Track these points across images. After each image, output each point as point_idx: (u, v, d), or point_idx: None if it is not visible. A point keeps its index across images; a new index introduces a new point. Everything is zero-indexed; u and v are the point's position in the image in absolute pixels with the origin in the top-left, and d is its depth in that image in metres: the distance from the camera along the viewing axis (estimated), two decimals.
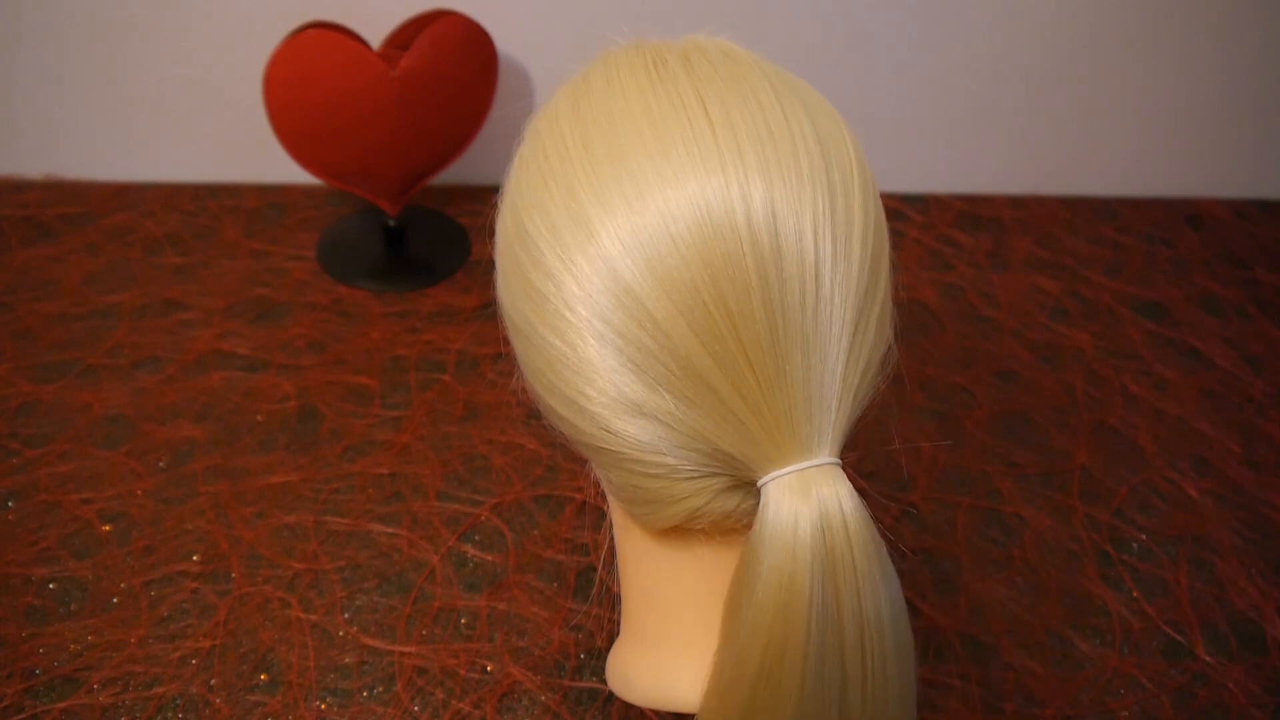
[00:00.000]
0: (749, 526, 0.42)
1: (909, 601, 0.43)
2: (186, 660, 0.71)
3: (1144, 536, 0.84)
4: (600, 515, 0.81)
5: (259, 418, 0.87)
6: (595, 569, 0.78)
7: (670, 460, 0.43)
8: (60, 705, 0.68)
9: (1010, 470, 0.88)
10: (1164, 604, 0.80)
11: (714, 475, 0.43)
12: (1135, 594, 0.80)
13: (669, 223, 0.41)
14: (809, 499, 0.41)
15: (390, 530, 0.80)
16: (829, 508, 0.41)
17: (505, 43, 1.00)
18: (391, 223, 1.02)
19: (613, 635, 0.69)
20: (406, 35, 0.94)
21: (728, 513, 0.44)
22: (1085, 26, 1.09)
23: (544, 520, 0.81)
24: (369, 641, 0.73)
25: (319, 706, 0.69)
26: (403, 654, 0.73)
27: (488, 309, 0.98)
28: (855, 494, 0.42)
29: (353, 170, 0.96)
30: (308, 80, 0.90)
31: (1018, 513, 0.85)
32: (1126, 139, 1.17)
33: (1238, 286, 1.09)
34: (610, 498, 0.51)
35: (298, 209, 1.08)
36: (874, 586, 0.41)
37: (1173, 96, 1.14)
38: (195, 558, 0.77)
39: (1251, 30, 1.10)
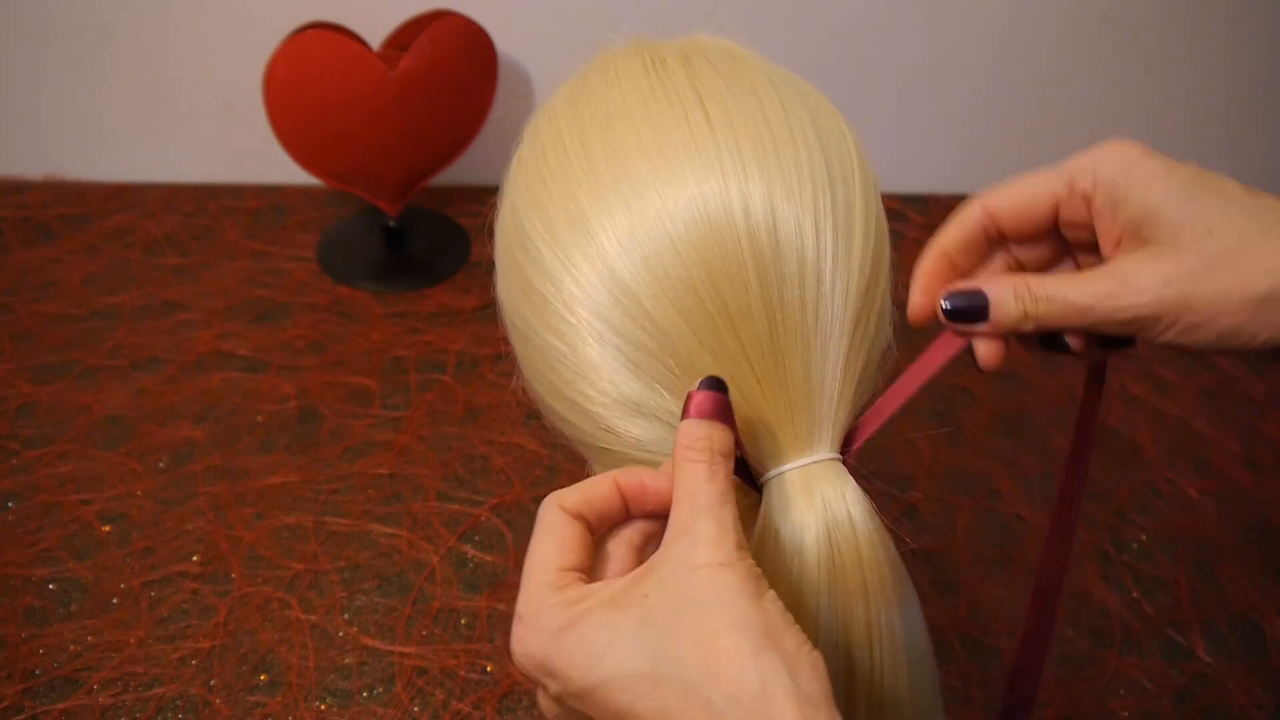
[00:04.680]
0: (751, 525, 0.42)
1: None
2: (186, 661, 0.71)
3: (1144, 536, 0.84)
4: None
5: (259, 418, 0.87)
6: None
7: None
8: (60, 706, 0.68)
9: (1010, 470, 0.88)
10: (1164, 604, 0.80)
11: None
12: (1135, 594, 0.80)
13: (666, 222, 0.41)
14: (812, 496, 0.41)
15: (390, 531, 0.80)
16: (835, 510, 0.41)
17: (505, 43, 1.00)
18: (391, 223, 1.02)
19: None
20: (406, 36, 0.94)
21: None
22: (1086, 27, 1.09)
23: None
24: (369, 642, 0.73)
25: (319, 707, 0.69)
26: (403, 654, 0.73)
27: (488, 310, 0.98)
28: (859, 490, 0.41)
29: (353, 171, 0.96)
30: (308, 81, 0.90)
31: (1018, 513, 0.85)
32: (1127, 139, 1.17)
33: None
34: None
35: (298, 210, 1.08)
36: (882, 581, 0.41)
37: (1173, 96, 1.14)
38: (195, 558, 0.77)
39: (1253, 31, 1.10)
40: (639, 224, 0.41)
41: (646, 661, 0.34)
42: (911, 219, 1.14)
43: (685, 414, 0.39)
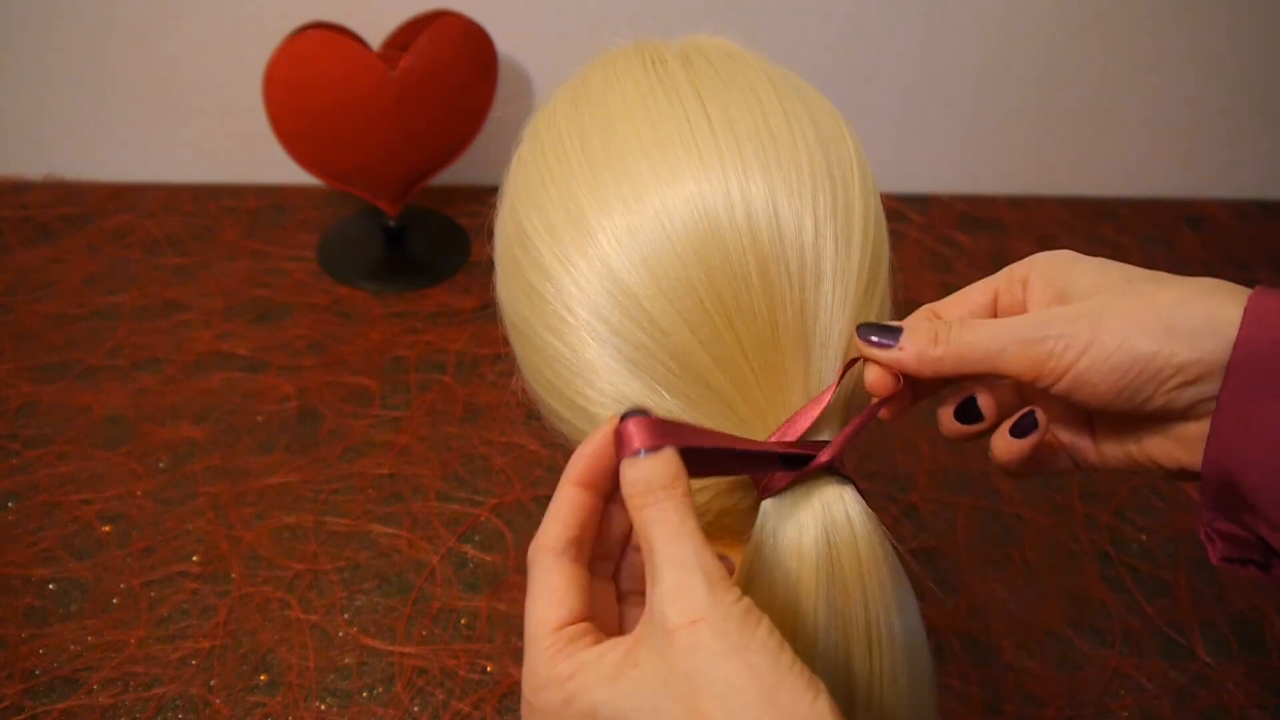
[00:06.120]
0: (751, 525, 0.42)
1: None
2: (186, 661, 0.71)
3: (1144, 536, 0.84)
4: None
5: (259, 418, 0.87)
6: None
7: None
8: (60, 706, 0.68)
9: None
10: (1164, 604, 0.80)
11: None
12: (1135, 594, 0.80)
13: (666, 222, 0.41)
14: (810, 498, 0.41)
15: (390, 531, 0.80)
16: (834, 512, 0.41)
17: (505, 43, 1.00)
18: (391, 223, 1.02)
19: None
20: (406, 36, 0.94)
21: (726, 510, 0.44)
22: (1086, 28, 1.09)
23: None
24: (369, 642, 0.73)
25: (319, 707, 0.69)
26: (403, 654, 0.73)
27: (488, 309, 0.98)
28: (857, 492, 0.41)
29: (352, 171, 0.96)
30: (308, 81, 0.90)
31: (1018, 513, 0.85)
32: (1126, 140, 1.17)
33: None
34: None
35: (298, 209, 1.08)
36: (880, 583, 0.41)
37: (1173, 97, 1.14)
38: (195, 558, 0.77)
39: (1252, 31, 1.10)
40: (638, 224, 0.41)
41: None
42: (911, 219, 1.14)
43: (618, 452, 0.36)
